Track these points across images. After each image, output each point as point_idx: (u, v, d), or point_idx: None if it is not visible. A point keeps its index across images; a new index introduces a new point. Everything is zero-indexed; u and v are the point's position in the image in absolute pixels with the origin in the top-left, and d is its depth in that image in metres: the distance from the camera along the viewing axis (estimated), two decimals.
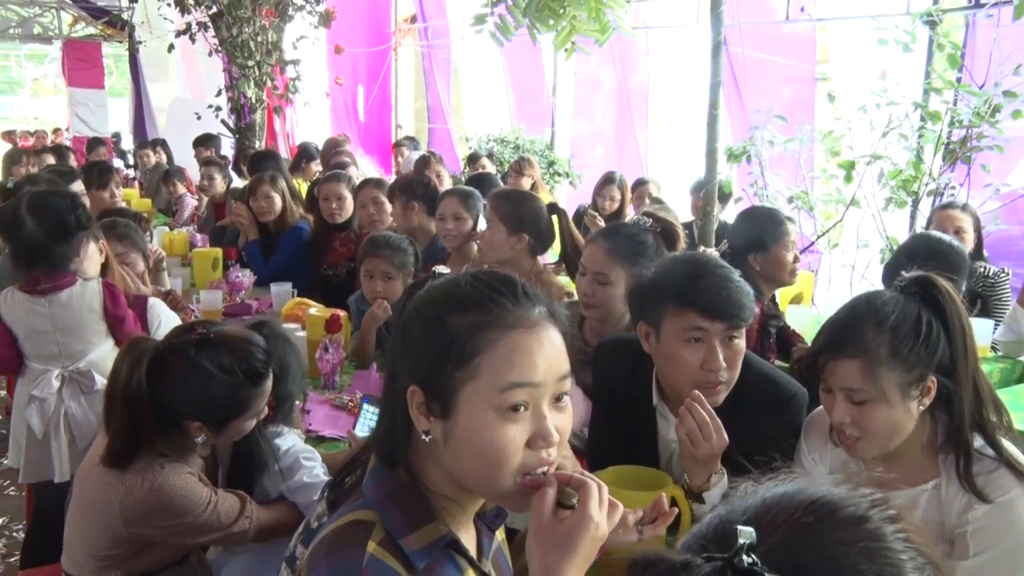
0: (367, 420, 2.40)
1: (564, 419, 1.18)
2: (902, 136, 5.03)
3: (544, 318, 1.17)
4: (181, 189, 7.28)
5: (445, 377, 1.13)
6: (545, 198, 4.14)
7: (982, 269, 3.91)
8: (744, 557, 0.69)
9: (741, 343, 1.94)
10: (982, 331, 3.29)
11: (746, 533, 0.70)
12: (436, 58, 10.44)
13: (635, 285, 2.16)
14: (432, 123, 10.87)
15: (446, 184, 5.54)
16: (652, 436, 2.11)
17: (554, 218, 3.32)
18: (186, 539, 2.00)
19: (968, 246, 3.90)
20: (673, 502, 1.78)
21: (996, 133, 4.71)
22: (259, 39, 8.20)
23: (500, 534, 1.40)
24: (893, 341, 1.64)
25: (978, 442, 1.71)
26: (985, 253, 4.14)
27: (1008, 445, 1.72)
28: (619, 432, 2.16)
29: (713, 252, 3.52)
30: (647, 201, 5.27)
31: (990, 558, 1.64)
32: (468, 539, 1.26)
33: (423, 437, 1.16)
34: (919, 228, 5.16)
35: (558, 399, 1.18)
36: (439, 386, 1.14)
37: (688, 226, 4.67)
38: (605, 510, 1.18)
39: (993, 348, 3.69)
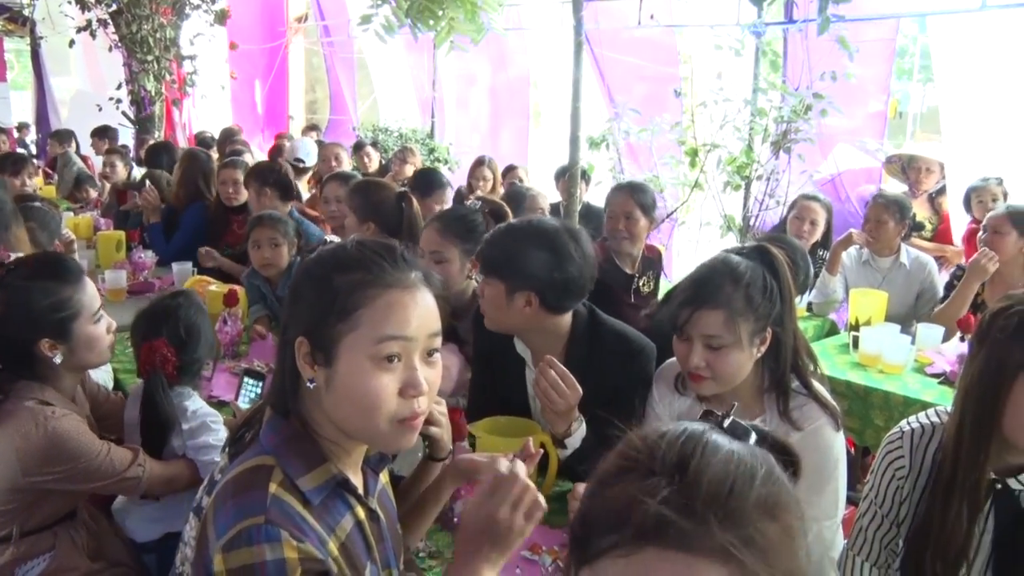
0: (247, 392, 2.34)
1: (434, 373, 1.21)
2: (736, 128, 5.23)
3: (419, 281, 1.19)
4: (93, 194, 6.87)
5: (328, 328, 1.15)
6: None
7: (821, 254, 4.13)
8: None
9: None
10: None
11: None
12: (336, 53, 10.25)
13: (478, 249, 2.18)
14: (333, 114, 10.76)
15: (344, 166, 5.49)
16: (522, 385, 2.13)
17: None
18: (81, 484, 1.90)
19: (817, 235, 4.12)
20: (542, 447, 1.83)
21: (809, 128, 4.98)
22: (157, 35, 7.88)
23: (384, 477, 1.41)
24: (747, 296, 1.71)
25: (794, 383, 1.82)
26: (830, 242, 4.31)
27: (817, 385, 1.84)
28: (494, 386, 2.18)
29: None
30: (516, 183, 5.30)
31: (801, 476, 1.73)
32: (356, 480, 1.27)
33: (308, 385, 1.17)
34: (751, 208, 5.40)
35: (429, 354, 1.20)
36: (323, 337, 1.15)
37: (555, 207, 4.73)
38: (522, 511, 1.22)
39: (808, 308, 3.90)
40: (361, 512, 1.25)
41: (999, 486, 1.54)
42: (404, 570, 1.42)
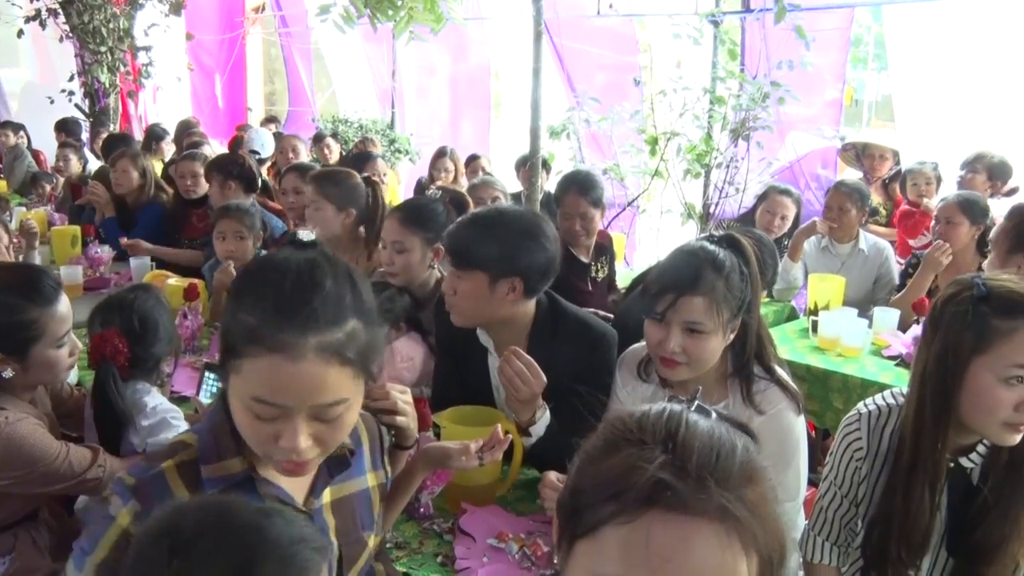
0: (209, 386, 2.31)
1: (328, 429, 1.11)
2: (695, 117, 5.27)
3: (318, 352, 1.05)
4: (47, 188, 6.71)
5: (224, 353, 1.11)
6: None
7: (786, 243, 4.18)
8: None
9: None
10: None
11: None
12: (294, 44, 10.12)
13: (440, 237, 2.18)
14: (292, 105, 10.61)
15: (302, 158, 5.43)
16: (485, 374, 2.13)
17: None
18: (39, 488, 1.84)
19: (786, 229, 4.17)
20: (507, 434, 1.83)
21: (767, 116, 5.03)
22: (111, 26, 7.67)
23: (372, 480, 1.37)
24: (727, 283, 1.73)
25: (757, 368, 1.84)
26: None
27: (779, 369, 1.86)
28: (458, 376, 2.18)
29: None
30: (480, 174, 5.29)
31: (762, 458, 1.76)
32: (291, 483, 1.22)
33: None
34: (711, 195, 5.45)
35: (322, 415, 1.10)
36: (224, 351, 1.11)
37: (516, 196, 4.72)
38: None
39: (769, 294, 3.95)
40: None
41: (952, 465, 1.58)
42: (374, 560, 1.41)
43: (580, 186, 3.44)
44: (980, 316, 1.46)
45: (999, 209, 3.80)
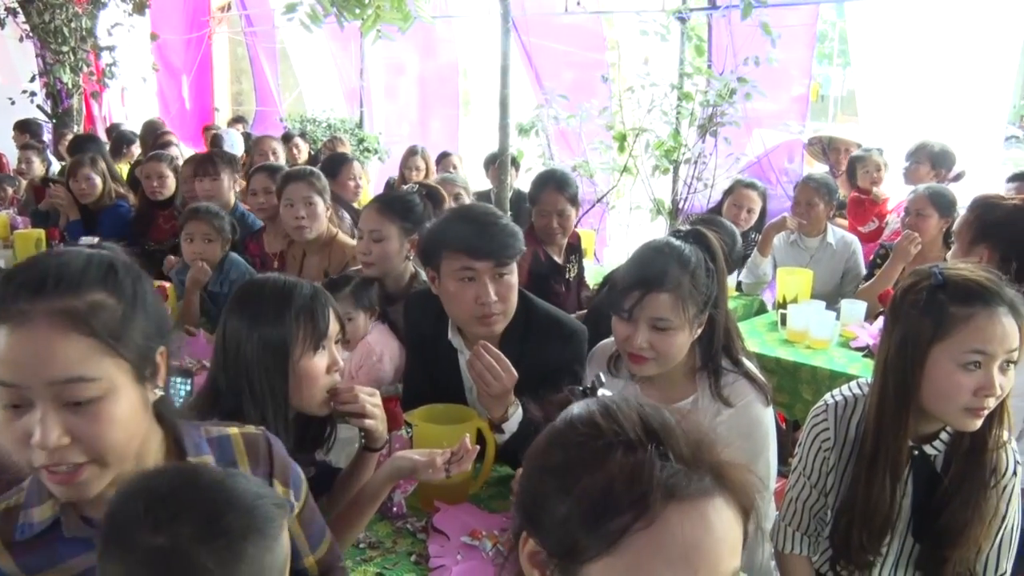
0: (176, 391, 2.27)
1: (85, 423, 0.98)
2: (663, 113, 5.30)
3: (48, 316, 0.95)
4: (9, 191, 6.58)
5: None
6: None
7: (753, 236, 4.21)
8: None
9: (511, 278, 1.99)
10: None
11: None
12: (260, 43, 10.01)
13: (421, 237, 2.18)
14: (259, 105, 10.49)
15: (280, 160, 5.39)
16: (457, 374, 2.13)
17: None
18: None
19: (752, 222, 4.19)
20: (479, 433, 1.83)
21: (735, 112, 5.07)
22: (72, 25, 7.51)
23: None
24: (693, 279, 1.74)
25: (725, 362, 1.85)
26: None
27: (747, 362, 1.88)
28: (429, 374, 2.17)
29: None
30: (451, 170, 5.28)
31: (732, 451, 1.77)
32: None
33: None
34: (680, 191, 5.49)
35: (68, 401, 0.98)
36: None
37: (485, 195, 4.72)
38: None
39: (738, 288, 3.99)
40: None
41: (916, 452, 1.61)
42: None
43: (558, 183, 3.45)
44: (938, 304, 1.49)
45: (963, 199, 3.86)
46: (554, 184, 3.43)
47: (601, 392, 0.91)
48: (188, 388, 2.25)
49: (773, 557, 1.83)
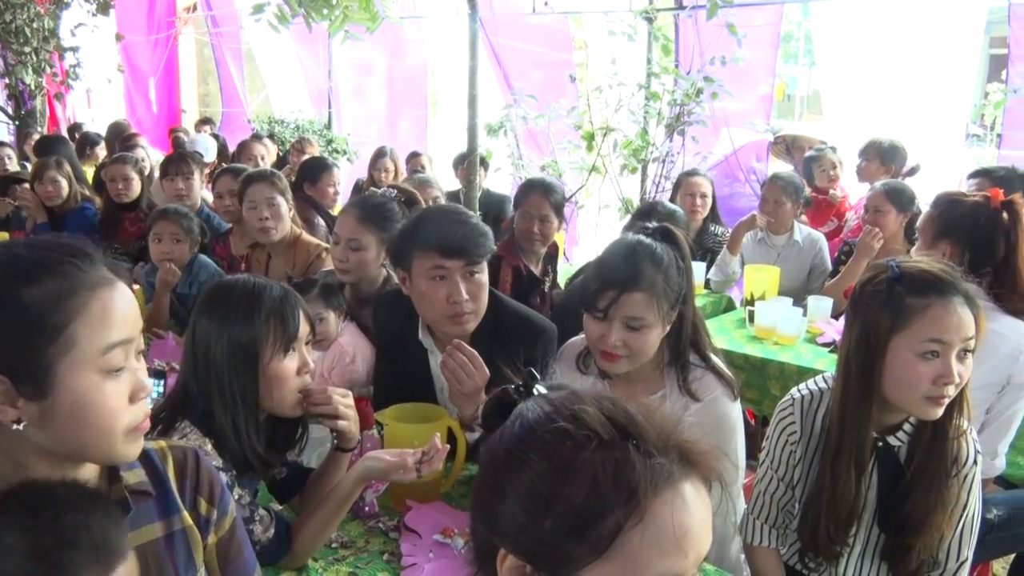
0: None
1: (143, 371, 1.07)
2: (631, 112, 5.33)
3: (113, 275, 1.04)
4: None
5: (35, 356, 0.96)
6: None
7: (713, 228, 4.23)
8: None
9: (482, 277, 2.00)
10: (697, 272, 3.58)
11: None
12: (226, 44, 9.91)
13: (391, 238, 2.18)
14: (226, 107, 10.37)
15: (268, 163, 5.34)
16: (427, 374, 2.13)
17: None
18: None
19: (707, 207, 4.22)
20: (450, 432, 1.83)
21: (702, 111, 5.12)
22: (35, 25, 7.38)
23: (190, 519, 1.18)
24: (666, 277, 1.76)
25: (693, 357, 1.87)
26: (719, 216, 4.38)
27: (714, 357, 1.90)
28: (399, 374, 2.17)
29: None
30: (419, 170, 5.26)
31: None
32: None
33: (16, 428, 0.98)
34: (648, 190, 5.52)
35: (140, 352, 1.07)
36: (29, 367, 0.96)
37: (455, 195, 4.71)
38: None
39: (707, 285, 4.02)
40: None
41: (880, 444, 1.64)
42: None
43: (545, 188, 3.46)
44: (895, 296, 1.53)
45: (926, 196, 3.92)
46: (542, 188, 3.45)
47: (537, 389, 0.91)
48: (160, 390, 2.23)
49: (742, 550, 1.85)
